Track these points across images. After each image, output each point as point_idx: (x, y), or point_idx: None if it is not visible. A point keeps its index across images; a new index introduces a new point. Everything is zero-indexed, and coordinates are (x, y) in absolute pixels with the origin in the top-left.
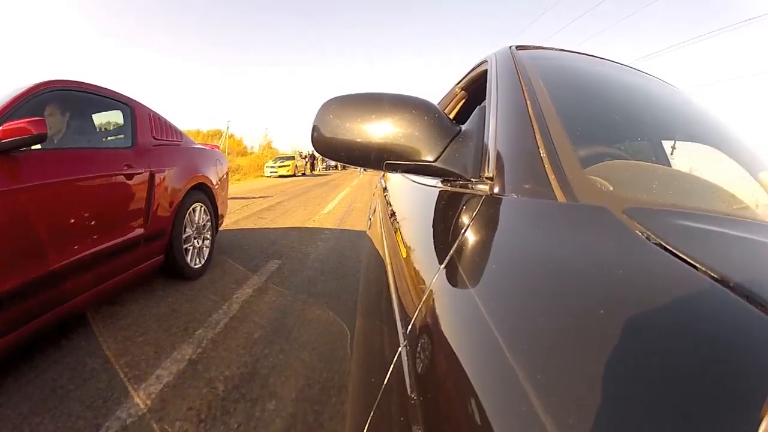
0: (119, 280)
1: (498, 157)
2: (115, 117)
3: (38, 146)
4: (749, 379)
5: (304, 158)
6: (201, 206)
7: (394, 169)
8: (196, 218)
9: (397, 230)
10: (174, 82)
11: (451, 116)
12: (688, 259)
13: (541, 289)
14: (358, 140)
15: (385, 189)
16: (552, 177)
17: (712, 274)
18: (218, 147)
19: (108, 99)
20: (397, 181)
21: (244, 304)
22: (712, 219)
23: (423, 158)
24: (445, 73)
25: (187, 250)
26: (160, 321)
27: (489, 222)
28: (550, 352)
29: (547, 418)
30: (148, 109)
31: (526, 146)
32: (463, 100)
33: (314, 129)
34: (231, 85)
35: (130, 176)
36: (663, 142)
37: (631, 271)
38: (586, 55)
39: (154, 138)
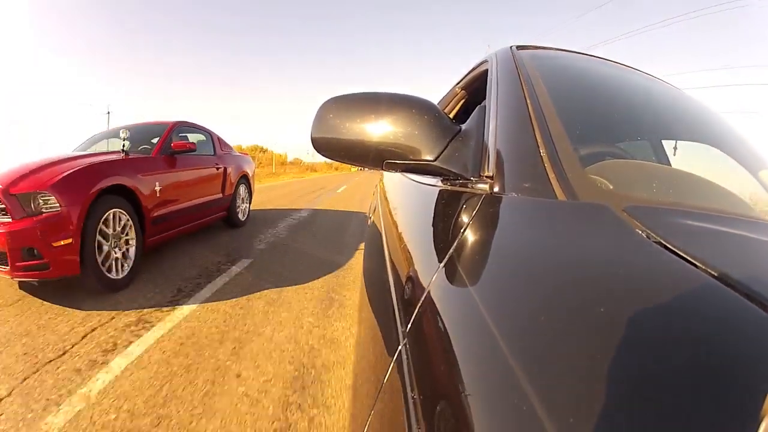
0: (211, 219)
1: (498, 156)
2: (198, 137)
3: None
4: (749, 378)
5: None
6: (244, 187)
7: (394, 168)
8: (241, 193)
9: (396, 229)
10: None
11: (452, 116)
12: (689, 258)
13: (541, 287)
14: (358, 139)
15: (384, 188)
16: (552, 176)
17: (713, 273)
18: (248, 154)
19: (198, 129)
20: (396, 181)
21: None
22: (712, 218)
23: (423, 157)
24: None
25: (237, 209)
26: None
27: (489, 221)
28: (550, 351)
29: (547, 417)
30: (216, 133)
31: (526, 145)
32: (464, 100)
33: (313, 129)
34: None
35: (218, 168)
36: (663, 141)
37: (631, 269)
38: (587, 55)
39: (221, 150)
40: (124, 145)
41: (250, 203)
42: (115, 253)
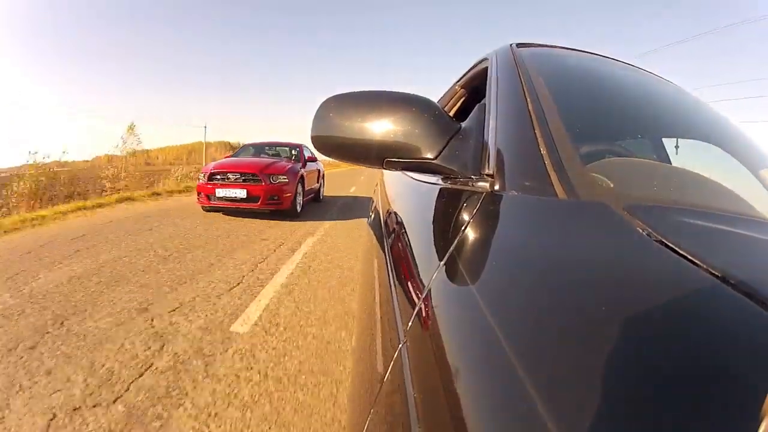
0: (313, 197)
1: (498, 154)
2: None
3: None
4: (750, 378)
5: None
6: (323, 180)
7: (394, 166)
8: (323, 184)
9: (397, 227)
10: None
11: (452, 114)
12: (689, 256)
13: (541, 285)
14: (358, 138)
15: (385, 186)
16: (552, 174)
17: (714, 271)
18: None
19: (306, 147)
20: (397, 179)
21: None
22: (713, 216)
23: (423, 155)
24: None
25: (321, 193)
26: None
27: (489, 219)
28: (551, 350)
29: (547, 416)
30: (310, 148)
31: (526, 143)
32: (463, 98)
33: (314, 127)
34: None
35: (317, 170)
36: (664, 139)
37: (631, 267)
38: (588, 52)
39: (315, 159)
40: (292, 155)
41: (323, 190)
42: (299, 201)
